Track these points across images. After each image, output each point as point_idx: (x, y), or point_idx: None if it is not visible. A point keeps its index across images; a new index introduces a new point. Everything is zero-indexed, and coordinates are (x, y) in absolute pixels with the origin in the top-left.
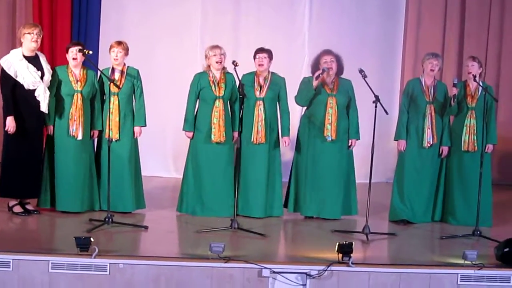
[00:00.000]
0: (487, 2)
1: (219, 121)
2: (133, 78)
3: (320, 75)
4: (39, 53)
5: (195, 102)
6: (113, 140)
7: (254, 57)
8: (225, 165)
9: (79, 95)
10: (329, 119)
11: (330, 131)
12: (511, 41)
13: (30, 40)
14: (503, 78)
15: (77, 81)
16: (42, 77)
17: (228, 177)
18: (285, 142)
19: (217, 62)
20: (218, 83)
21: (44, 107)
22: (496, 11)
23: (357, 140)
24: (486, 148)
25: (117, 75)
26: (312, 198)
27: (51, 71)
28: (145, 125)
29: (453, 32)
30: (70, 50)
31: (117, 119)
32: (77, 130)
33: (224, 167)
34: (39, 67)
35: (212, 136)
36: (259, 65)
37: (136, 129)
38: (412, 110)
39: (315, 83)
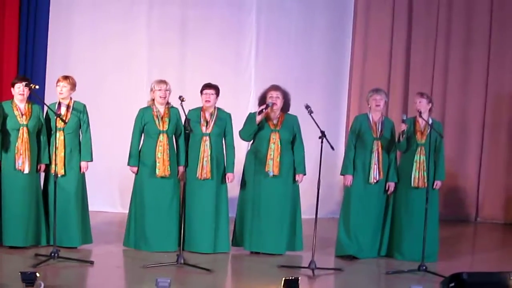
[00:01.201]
0: (432, 37)
1: (163, 155)
2: (80, 112)
3: (264, 110)
4: None
5: (139, 136)
6: (59, 175)
7: (201, 93)
8: (170, 199)
9: (25, 128)
10: (271, 155)
11: (271, 167)
12: (456, 77)
13: None
14: (448, 114)
15: (22, 115)
16: None
17: (172, 211)
18: (228, 178)
19: (160, 97)
20: (162, 118)
21: None
22: (442, 47)
23: (304, 175)
24: (435, 184)
25: (63, 110)
26: (256, 233)
27: None
28: (92, 160)
29: (399, 67)
30: (17, 86)
31: (62, 154)
32: (23, 164)
33: (169, 202)
34: None
35: (157, 171)
36: (206, 101)
37: (83, 164)
38: (359, 146)
39: (258, 118)
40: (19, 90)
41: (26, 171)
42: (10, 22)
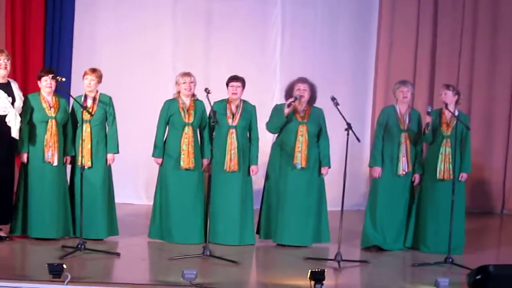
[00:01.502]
0: (458, 30)
1: (188, 147)
2: (106, 105)
3: (292, 102)
4: (11, 80)
5: (165, 128)
6: (86, 167)
7: (227, 85)
8: (194, 191)
9: (53, 121)
10: (299, 147)
11: (299, 159)
12: (482, 68)
13: None
14: (474, 106)
15: (50, 107)
16: (13, 103)
17: (196, 204)
18: (253, 171)
19: (185, 89)
20: (187, 110)
21: (14, 133)
22: (468, 38)
23: (329, 168)
24: (460, 176)
25: (89, 102)
26: (283, 226)
27: (23, 98)
28: (118, 152)
29: (425, 59)
30: (44, 78)
31: (89, 146)
32: (52, 156)
33: (193, 194)
34: (10, 93)
35: (181, 163)
36: (233, 93)
37: (109, 156)
38: (386, 138)
39: (286, 110)
40: (47, 83)
41: (55, 163)
42: (36, 16)
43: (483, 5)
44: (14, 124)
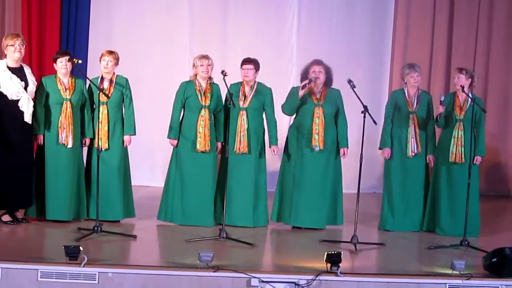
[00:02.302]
0: (475, 14)
1: (204, 130)
2: (122, 87)
3: (307, 84)
4: (24, 65)
5: (180, 110)
6: (102, 149)
7: (241, 67)
8: (209, 174)
9: (68, 103)
10: (316, 129)
11: (317, 141)
12: (498, 52)
13: (13, 51)
14: (490, 90)
15: (66, 89)
16: (26, 88)
17: (210, 186)
18: (274, 151)
19: (203, 72)
20: (204, 93)
21: (27, 118)
22: (484, 23)
23: (347, 149)
24: (475, 160)
25: (106, 84)
26: (298, 208)
27: (36, 83)
28: (135, 134)
29: (441, 43)
30: (59, 60)
31: (106, 128)
32: (67, 138)
33: (207, 177)
34: (23, 77)
35: (198, 145)
36: (245, 75)
37: (126, 137)
38: (396, 120)
39: (301, 92)
40: (62, 65)
41: (70, 145)
42: None
43: None
44: (27, 108)
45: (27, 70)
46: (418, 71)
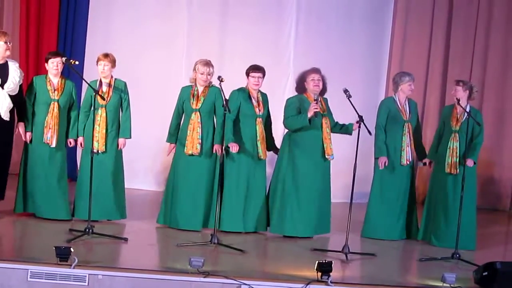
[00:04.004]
0: (472, 25)
1: (192, 133)
2: (121, 90)
3: (314, 107)
4: (10, 60)
5: (178, 114)
6: (100, 151)
7: (248, 75)
8: (201, 178)
9: (56, 104)
10: (328, 138)
11: (331, 150)
12: (495, 65)
13: None
14: (486, 102)
15: (54, 90)
16: (2, 85)
17: (203, 190)
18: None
19: (202, 80)
20: (198, 96)
21: (2, 114)
22: (482, 34)
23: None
24: (466, 161)
25: (104, 88)
26: (292, 217)
27: (20, 80)
28: (130, 137)
29: (438, 53)
30: (51, 60)
31: (104, 131)
32: (51, 138)
33: (200, 180)
34: (2, 74)
35: (185, 148)
36: (255, 84)
37: (121, 140)
38: (389, 129)
39: (310, 114)
40: (53, 65)
41: (53, 145)
42: (50, 0)
43: (498, 1)
44: (1, 105)
45: (12, 66)
46: (413, 79)
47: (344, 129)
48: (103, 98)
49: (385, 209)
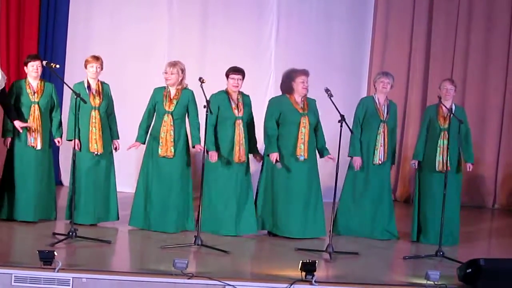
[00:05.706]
0: (453, 24)
1: (166, 135)
2: (107, 93)
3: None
4: None
5: (147, 114)
6: (98, 153)
7: (228, 76)
8: (174, 180)
9: (36, 106)
10: (302, 139)
11: (303, 151)
12: (476, 63)
13: None
14: (467, 100)
15: (34, 93)
16: None
17: (173, 192)
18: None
19: (165, 79)
20: (171, 99)
21: None
22: (462, 33)
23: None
24: (468, 167)
25: (94, 90)
26: (287, 218)
27: (2, 84)
28: (118, 138)
29: (419, 53)
30: (30, 64)
31: (101, 133)
32: (35, 140)
33: (172, 183)
34: None
35: (159, 150)
36: (234, 86)
37: (116, 142)
38: (365, 127)
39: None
40: (33, 68)
41: (38, 147)
42: (30, 5)
43: (478, 0)
44: None
45: None
46: (390, 78)
47: (319, 150)
48: (84, 101)
49: (356, 206)
